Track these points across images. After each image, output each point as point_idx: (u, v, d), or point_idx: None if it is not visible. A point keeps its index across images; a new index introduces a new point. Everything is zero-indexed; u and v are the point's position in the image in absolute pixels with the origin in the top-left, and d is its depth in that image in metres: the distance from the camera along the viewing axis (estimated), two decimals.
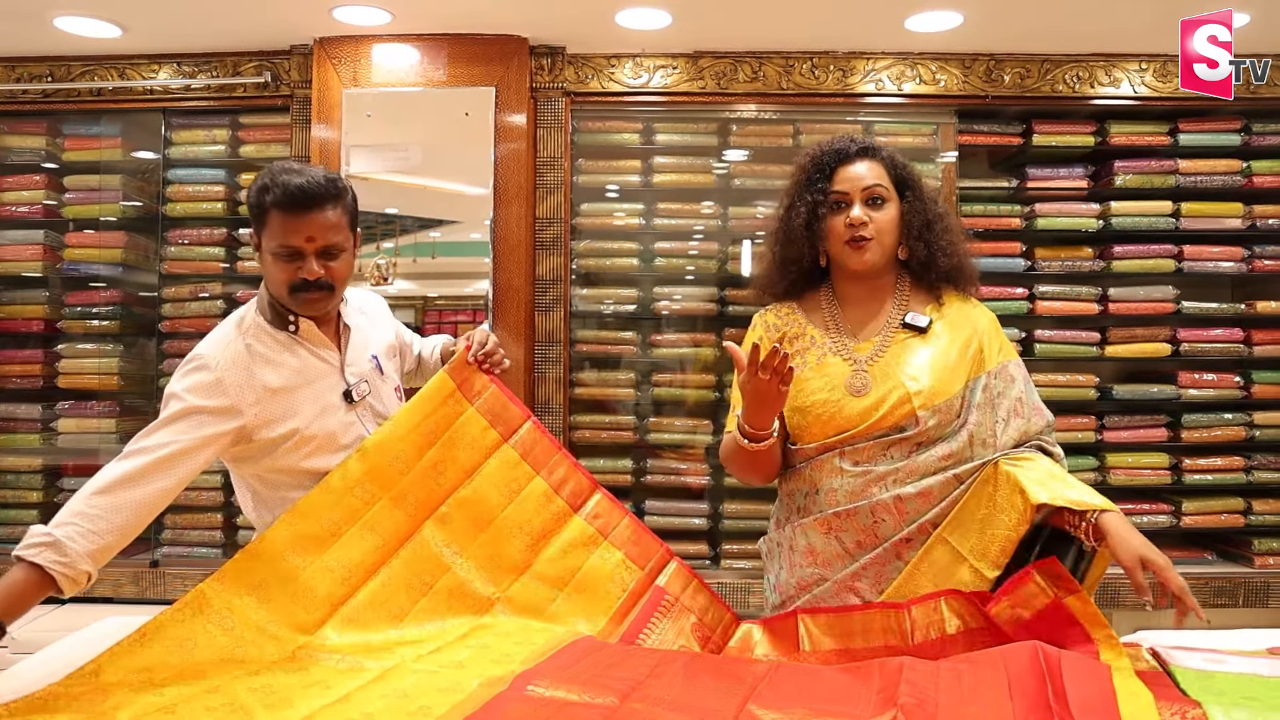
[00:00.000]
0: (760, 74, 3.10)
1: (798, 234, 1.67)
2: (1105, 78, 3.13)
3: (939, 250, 1.70)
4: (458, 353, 1.74)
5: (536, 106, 3.08)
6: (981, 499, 1.55)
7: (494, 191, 2.96)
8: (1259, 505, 3.23)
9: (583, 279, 3.26)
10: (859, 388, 1.62)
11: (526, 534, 1.67)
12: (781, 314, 1.74)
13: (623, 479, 3.19)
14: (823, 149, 1.71)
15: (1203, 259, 3.25)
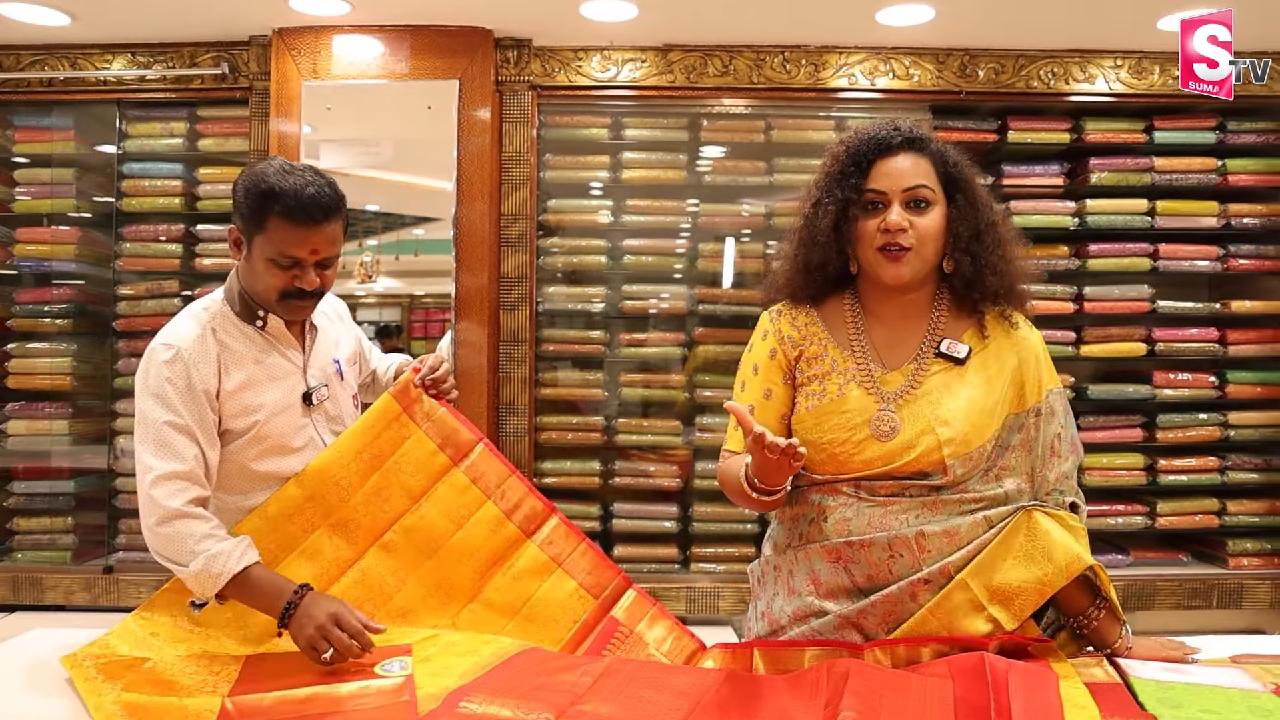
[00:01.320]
0: (731, 68, 3.08)
1: (824, 236, 1.47)
2: (1080, 74, 3.12)
3: (987, 267, 1.48)
4: (405, 375, 1.71)
5: (502, 100, 3.04)
6: (1012, 547, 1.41)
7: (458, 187, 2.93)
8: (1233, 506, 3.24)
9: (550, 277, 3.23)
10: (886, 433, 1.44)
11: (476, 561, 1.62)
12: (799, 323, 1.54)
13: (591, 481, 3.16)
14: (860, 137, 1.49)
15: (1178, 258, 3.25)
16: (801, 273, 1.53)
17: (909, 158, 1.46)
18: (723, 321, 3.20)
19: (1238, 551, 3.23)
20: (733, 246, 3.31)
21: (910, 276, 1.45)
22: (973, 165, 1.54)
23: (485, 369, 2.93)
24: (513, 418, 3.01)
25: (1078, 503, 1.48)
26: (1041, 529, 1.40)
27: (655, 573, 3.11)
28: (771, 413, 1.53)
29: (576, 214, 3.25)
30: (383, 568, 1.60)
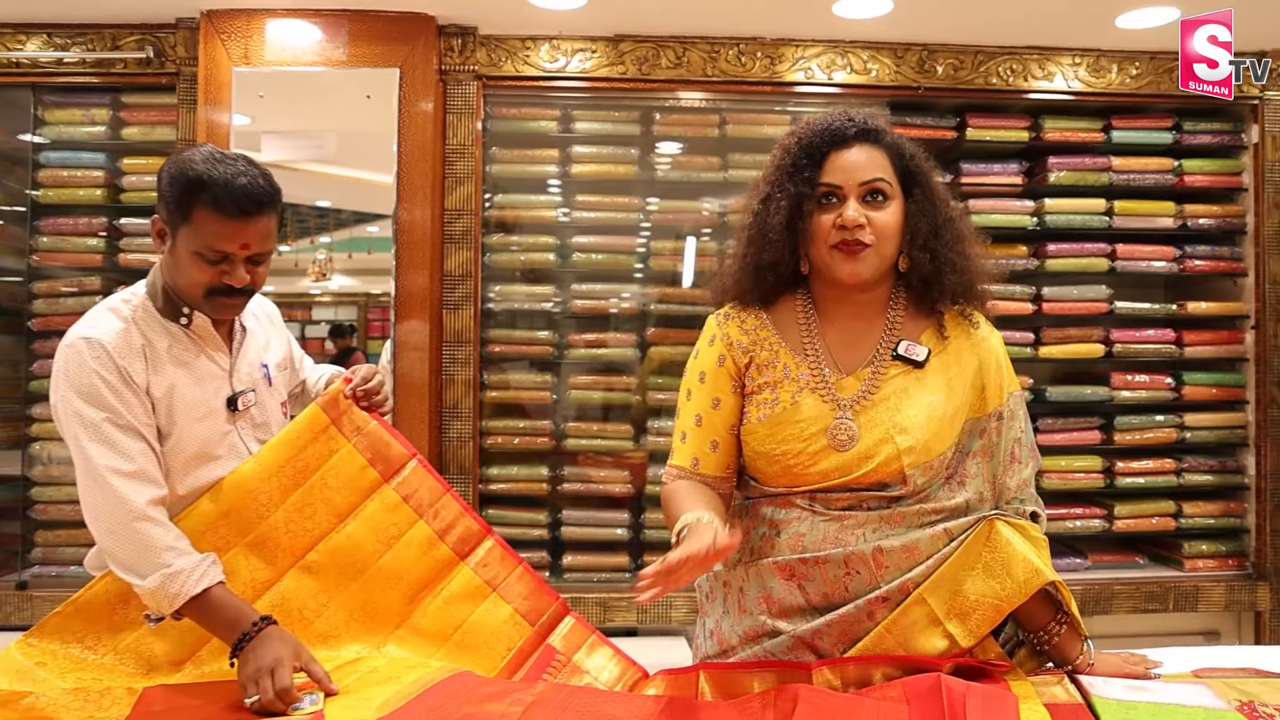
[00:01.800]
0: (684, 60, 3.00)
1: (775, 234, 1.40)
2: (1039, 71, 3.10)
3: (946, 265, 1.42)
4: (335, 385, 1.62)
5: (446, 91, 2.93)
6: (971, 558, 1.35)
7: (398, 181, 2.81)
8: (1189, 508, 3.24)
9: (496, 275, 3.12)
10: (844, 441, 1.39)
11: (406, 584, 1.54)
12: (748, 326, 1.47)
13: (539, 487, 3.07)
14: (812, 128, 1.43)
15: (1135, 258, 3.25)
16: (751, 273, 1.46)
17: (864, 150, 1.40)
18: (677, 322, 3.12)
19: (1193, 554, 3.23)
20: (689, 245, 3.24)
21: (868, 274, 1.39)
22: (929, 159, 1.47)
23: (427, 371, 2.82)
24: (456, 422, 2.90)
25: (1038, 511, 1.43)
26: (1002, 539, 1.35)
27: (606, 582, 3.03)
28: (720, 423, 1.46)
29: (524, 210, 3.16)
30: (303, 590, 1.51)
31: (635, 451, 3.13)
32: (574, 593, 2.95)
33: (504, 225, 3.17)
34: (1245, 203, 3.28)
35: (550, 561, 3.05)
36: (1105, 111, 3.23)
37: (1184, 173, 3.26)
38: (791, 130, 1.48)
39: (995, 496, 1.44)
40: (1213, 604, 3.17)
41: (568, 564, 3.03)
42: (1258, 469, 3.22)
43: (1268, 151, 3.20)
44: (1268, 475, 3.20)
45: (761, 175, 1.49)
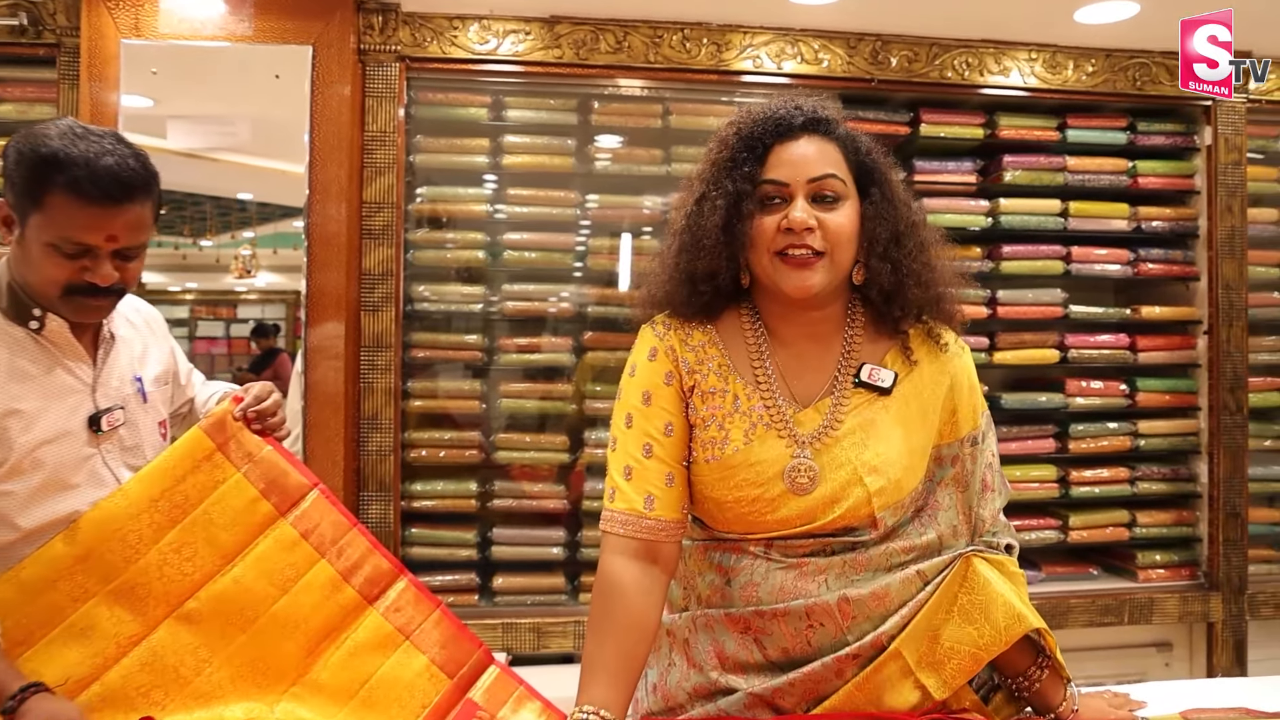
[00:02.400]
0: (625, 45, 2.83)
1: (711, 239, 1.22)
2: (995, 65, 3.00)
3: (910, 276, 1.24)
4: (223, 405, 1.43)
5: (365, 72, 2.71)
6: (946, 600, 1.21)
7: (311, 171, 2.57)
8: (1143, 517, 3.19)
9: (421, 274, 2.91)
10: (804, 485, 1.22)
11: (304, 633, 1.36)
12: (694, 343, 1.28)
13: (467, 504, 2.86)
14: (753, 117, 1.26)
15: (1090, 261, 3.18)
16: (685, 284, 1.27)
17: (813, 142, 1.23)
18: (617, 325, 2.95)
19: (1147, 564, 3.18)
20: (628, 243, 3.06)
21: (820, 287, 1.20)
22: (888, 154, 1.30)
23: (344, 379, 2.59)
24: (376, 434, 2.68)
25: (1013, 544, 1.30)
26: (980, 579, 1.21)
27: (541, 605, 2.84)
28: (676, 453, 1.27)
29: (452, 203, 2.94)
30: (180, 645, 1.31)
31: (571, 465, 2.94)
32: (506, 617, 2.76)
33: (430, 220, 2.96)
34: (1198, 205, 3.24)
35: (480, 584, 2.85)
36: (1060, 109, 3.16)
37: (1138, 174, 3.20)
38: (730, 120, 1.29)
39: (970, 530, 1.30)
40: (1167, 615, 3.12)
41: (499, 586, 2.83)
42: (1210, 477, 3.18)
43: (1220, 154, 3.15)
44: (1220, 483, 3.16)
45: (696, 171, 1.31)
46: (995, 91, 3.03)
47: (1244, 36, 2.96)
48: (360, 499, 2.66)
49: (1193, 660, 3.27)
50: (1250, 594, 3.16)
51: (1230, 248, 3.15)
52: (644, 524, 1.23)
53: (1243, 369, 3.16)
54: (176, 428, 1.57)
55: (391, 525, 2.68)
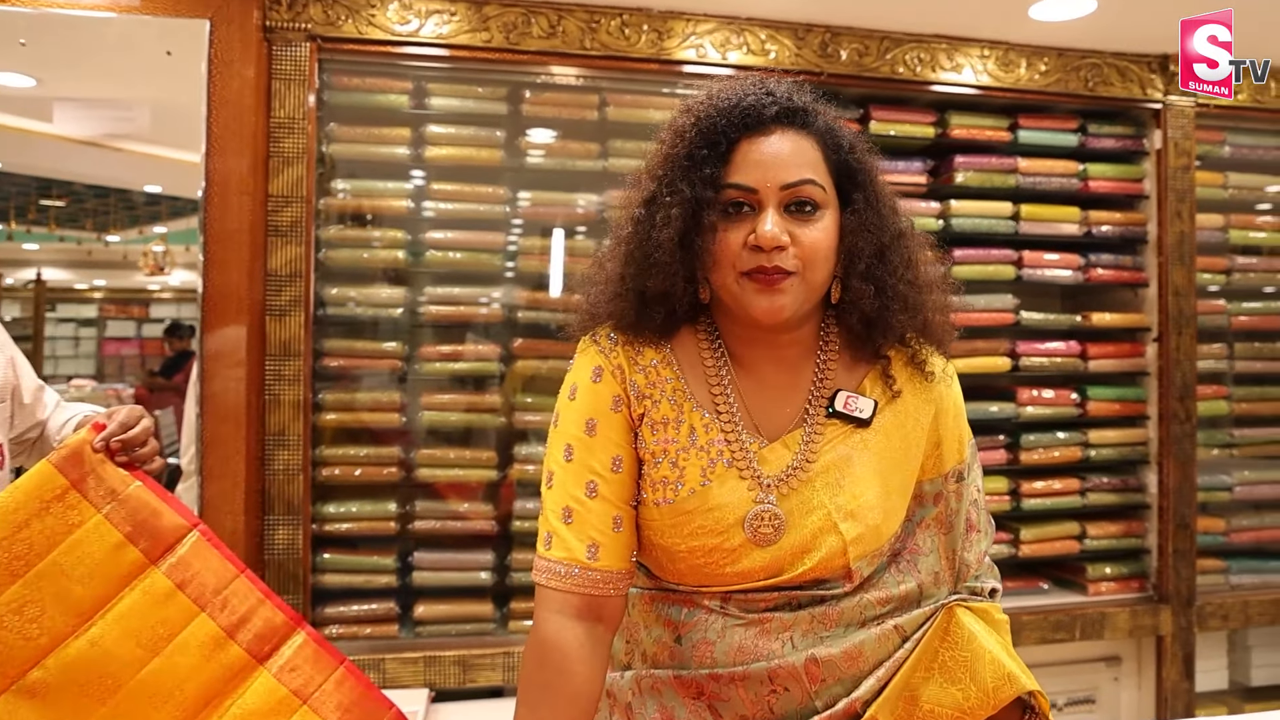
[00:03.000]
0: (559, 29, 2.64)
1: (664, 253, 1.05)
2: (947, 62, 2.90)
3: (896, 299, 1.07)
4: (80, 433, 1.22)
5: (271, 52, 2.47)
6: (926, 656, 1.06)
7: (207, 160, 2.33)
8: (1093, 529, 3.12)
9: (333, 275, 2.68)
10: (768, 536, 1.05)
11: (179, 702, 1.17)
12: (645, 362, 1.10)
13: (385, 526, 2.64)
14: (715, 104, 1.07)
15: (1041, 266, 3.10)
16: (634, 302, 1.10)
17: (788, 137, 1.05)
18: (548, 332, 2.76)
19: (1097, 576, 3.11)
20: (561, 243, 2.88)
21: (792, 310, 1.05)
22: (874, 150, 1.12)
23: (245, 390, 2.35)
24: (283, 451, 2.45)
25: (997, 587, 1.15)
26: (965, 633, 1.06)
27: (467, 635, 2.63)
28: (624, 492, 1.09)
29: (369, 198, 2.72)
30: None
31: (500, 482, 2.74)
32: (429, 649, 2.55)
33: (345, 216, 2.73)
34: (1147, 210, 3.18)
35: (399, 613, 2.63)
36: (1012, 109, 3.07)
37: (1089, 177, 3.13)
38: (686, 105, 1.11)
39: (953, 576, 1.14)
40: (1117, 630, 3.05)
41: (421, 615, 2.62)
42: (1160, 487, 3.13)
43: (1170, 158, 3.10)
44: (1170, 493, 3.11)
45: (645, 166, 1.13)
46: (947, 89, 2.92)
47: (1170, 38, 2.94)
48: (265, 523, 2.42)
49: (1141, 674, 3.22)
50: (1198, 606, 3.12)
51: (1180, 254, 3.11)
52: (587, 576, 1.05)
53: (1192, 377, 3.12)
54: (23, 457, 1.34)
55: (300, 551, 2.45)
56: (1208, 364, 3.23)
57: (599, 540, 1.06)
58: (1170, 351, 3.10)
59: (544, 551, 1.07)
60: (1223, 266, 3.29)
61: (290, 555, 2.43)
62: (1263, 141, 3.34)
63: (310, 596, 2.50)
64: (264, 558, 2.41)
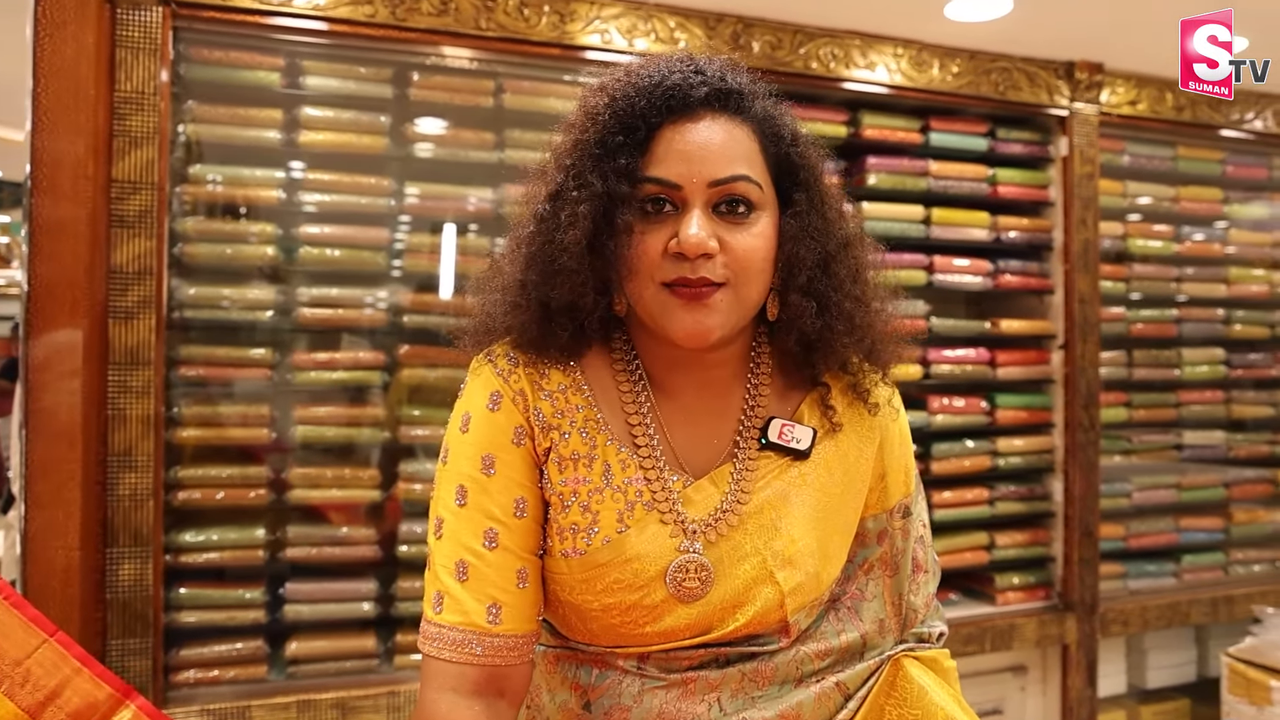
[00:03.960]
0: (452, 7, 2.41)
1: (571, 258, 0.90)
2: (861, 59, 2.79)
3: (840, 318, 0.93)
4: None
5: (115, 17, 2.15)
6: (872, 715, 0.94)
7: (33, 138, 1.99)
8: (1001, 538, 3.09)
9: (191, 272, 2.37)
10: (693, 591, 0.90)
11: None
12: (551, 387, 0.95)
13: (253, 555, 2.35)
14: (635, 81, 0.92)
15: (951, 271, 3.04)
16: (537, 315, 0.94)
17: (720, 125, 0.91)
18: (438, 337, 2.52)
19: (1004, 586, 3.08)
20: (453, 241, 2.64)
21: (720, 330, 0.90)
22: (820, 146, 0.98)
23: (82, 405, 2.04)
24: (130, 474, 2.14)
25: (944, 630, 1.04)
26: (915, 688, 0.95)
27: (347, 674, 2.37)
28: (528, 542, 0.92)
29: (235, 187, 2.42)
30: None
31: (384, 501, 2.49)
32: (302, 692, 2.29)
33: (207, 206, 2.43)
34: (1053, 217, 3.16)
35: (269, 652, 2.35)
36: (924, 111, 2.99)
37: (998, 182, 3.09)
38: (602, 83, 0.95)
39: (900, 623, 1.02)
40: (1025, 640, 3.03)
41: (294, 653, 2.34)
42: (1066, 495, 3.12)
43: (1076, 165, 3.09)
44: (1075, 501, 3.09)
45: (552, 154, 0.97)
46: (860, 87, 2.81)
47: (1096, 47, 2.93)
48: (107, 557, 2.11)
49: (1047, 683, 3.20)
50: (1100, 612, 3.12)
51: (1085, 261, 3.09)
52: (488, 644, 0.88)
53: (1095, 384, 3.11)
54: None
55: (150, 588, 2.15)
56: (1108, 371, 3.23)
57: (501, 599, 0.89)
58: (1075, 359, 3.09)
59: (434, 615, 0.89)
60: (1123, 274, 3.31)
61: (138, 592, 2.13)
62: (1159, 152, 3.37)
63: (163, 638, 2.20)
64: (106, 597, 2.10)
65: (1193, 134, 3.34)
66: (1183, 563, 3.36)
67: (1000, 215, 3.10)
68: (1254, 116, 3.39)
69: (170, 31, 2.23)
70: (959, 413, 3.02)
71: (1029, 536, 3.13)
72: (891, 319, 1.02)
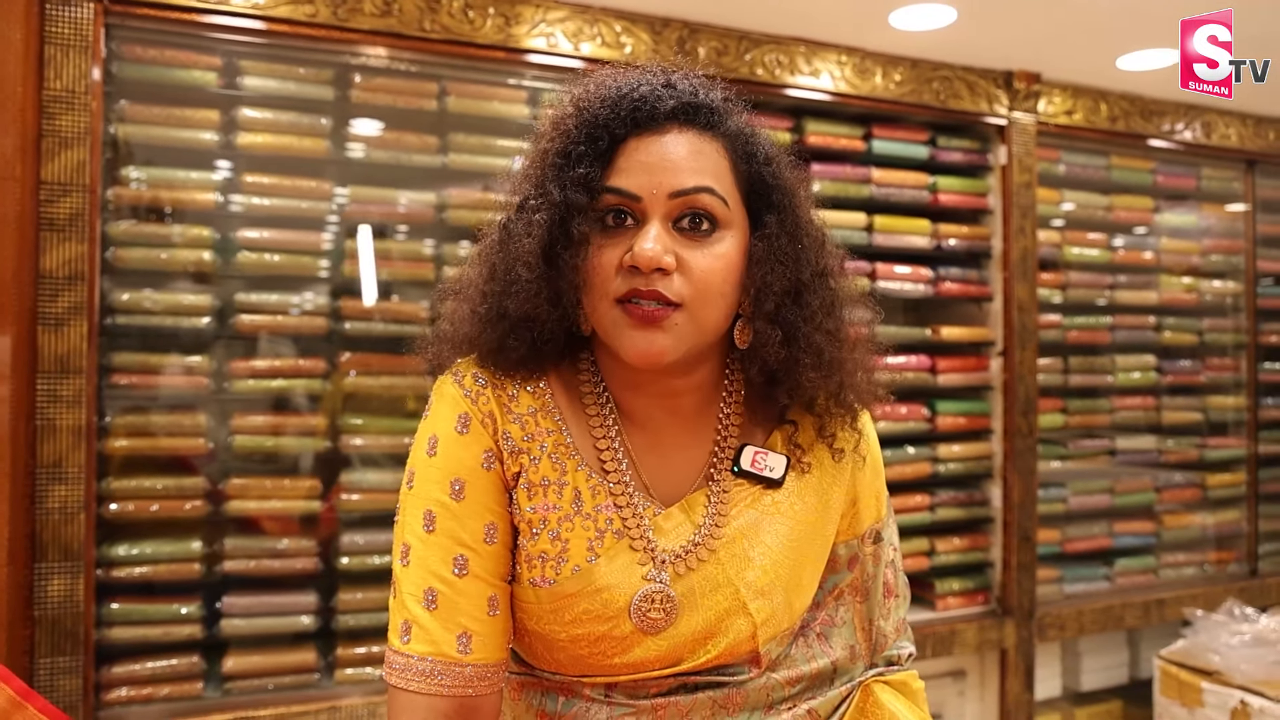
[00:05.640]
0: (395, 8, 2.46)
1: (526, 269, 0.91)
2: (805, 66, 2.92)
3: (808, 351, 0.93)
4: None
5: (44, 12, 2.16)
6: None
7: None
8: (941, 545, 3.24)
9: (125, 277, 2.38)
10: (655, 623, 0.92)
11: None
12: (519, 409, 0.96)
13: (189, 569, 2.37)
14: (602, 92, 0.94)
15: (892, 278, 3.19)
16: (495, 327, 0.95)
17: (687, 138, 0.92)
18: (379, 344, 2.57)
19: (944, 592, 3.22)
20: (390, 247, 2.69)
21: (675, 355, 0.90)
22: (798, 164, 1.01)
23: (9, 415, 2.04)
24: (59, 486, 2.15)
25: (913, 650, 1.09)
26: (886, 714, 0.99)
27: (286, 689, 2.40)
28: (498, 569, 0.94)
29: (170, 189, 2.44)
30: None
31: (321, 514, 2.53)
32: (240, 709, 2.31)
33: (140, 209, 2.44)
34: (991, 225, 3.33)
35: (205, 668, 2.37)
36: (866, 119, 3.13)
37: (939, 190, 3.24)
38: (572, 95, 0.97)
39: (870, 649, 1.07)
40: (965, 645, 3.17)
41: (231, 669, 2.37)
42: (1004, 500, 3.28)
43: (1015, 174, 3.26)
44: (1013, 507, 3.26)
45: (520, 165, 0.99)
46: (804, 94, 2.94)
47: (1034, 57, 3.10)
48: (36, 572, 2.12)
49: (984, 687, 3.36)
50: (1038, 617, 3.29)
51: (1023, 269, 3.27)
52: (458, 674, 0.90)
53: (1034, 391, 3.28)
54: None
55: (82, 604, 2.16)
56: (1045, 378, 3.41)
57: (471, 628, 0.91)
58: (1014, 366, 3.25)
59: (401, 645, 0.90)
60: (1059, 282, 3.49)
61: (68, 609, 2.14)
62: (1093, 161, 3.57)
63: (94, 656, 2.21)
64: (34, 614, 2.11)
65: (1125, 144, 3.55)
66: (1116, 566, 3.56)
67: (941, 223, 3.25)
68: (1184, 127, 3.61)
69: (102, 28, 2.24)
70: (900, 419, 3.17)
71: (968, 542, 3.29)
72: (867, 360, 1.03)
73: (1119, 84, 3.35)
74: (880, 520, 1.09)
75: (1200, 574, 3.75)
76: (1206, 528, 3.82)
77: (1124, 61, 3.11)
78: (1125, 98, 3.42)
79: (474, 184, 2.69)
